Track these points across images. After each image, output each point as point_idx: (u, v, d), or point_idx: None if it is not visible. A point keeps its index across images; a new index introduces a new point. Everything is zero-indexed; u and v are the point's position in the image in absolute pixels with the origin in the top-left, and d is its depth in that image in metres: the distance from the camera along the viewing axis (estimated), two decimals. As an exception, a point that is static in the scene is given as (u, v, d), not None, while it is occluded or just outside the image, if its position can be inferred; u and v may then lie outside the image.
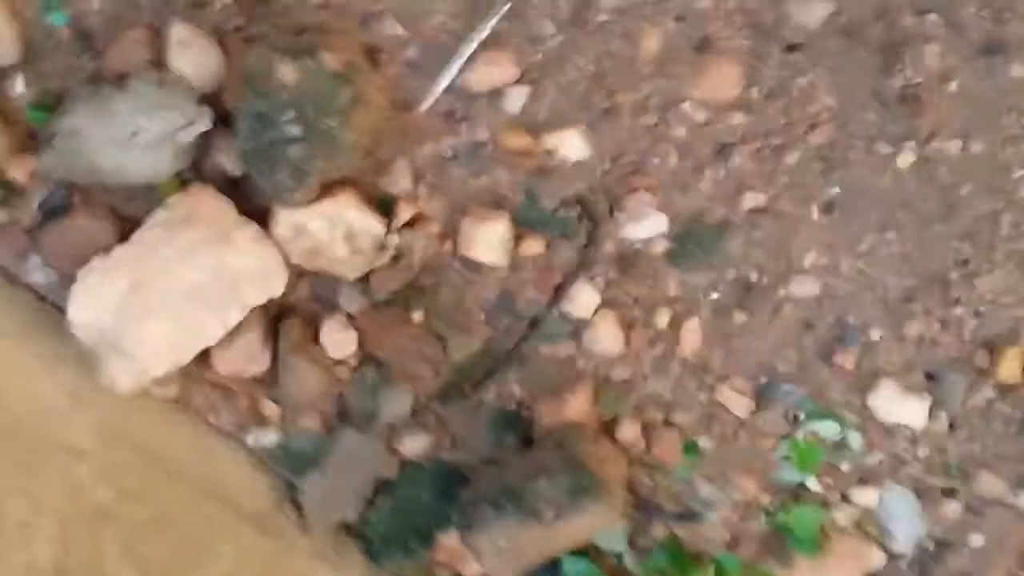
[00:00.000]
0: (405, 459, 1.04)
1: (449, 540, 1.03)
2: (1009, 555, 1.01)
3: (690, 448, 1.01)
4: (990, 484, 1.03)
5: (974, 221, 0.98)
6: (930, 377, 1.01)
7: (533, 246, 1.02)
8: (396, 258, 0.96)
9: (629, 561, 1.04)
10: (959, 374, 1.00)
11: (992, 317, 0.99)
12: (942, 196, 0.96)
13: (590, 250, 1.00)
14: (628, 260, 1.00)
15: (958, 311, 0.99)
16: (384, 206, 0.98)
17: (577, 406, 1.02)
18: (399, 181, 0.99)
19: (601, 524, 0.99)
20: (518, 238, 1.00)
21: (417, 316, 1.02)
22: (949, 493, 1.03)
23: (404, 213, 0.98)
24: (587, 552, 1.02)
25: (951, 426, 1.02)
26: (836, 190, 1.00)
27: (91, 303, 0.90)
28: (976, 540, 1.04)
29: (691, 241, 0.99)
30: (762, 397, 1.02)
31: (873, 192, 0.98)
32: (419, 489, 1.01)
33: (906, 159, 0.98)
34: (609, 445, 1.02)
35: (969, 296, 0.99)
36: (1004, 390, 1.01)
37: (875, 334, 1.01)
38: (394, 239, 0.95)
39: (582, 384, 1.02)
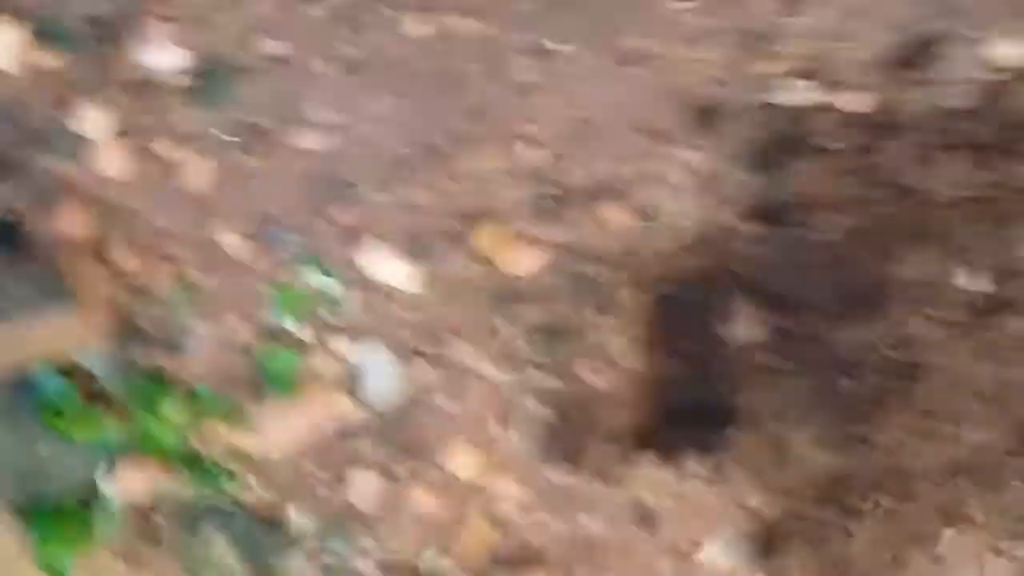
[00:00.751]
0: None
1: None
2: (471, 419, 1.09)
3: (184, 281, 1.04)
4: (461, 351, 1.07)
5: (474, 100, 1.02)
6: (419, 243, 1.05)
7: (49, 59, 1.00)
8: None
9: (108, 383, 1.04)
10: (442, 243, 1.04)
11: (481, 193, 1.04)
12: (447, 72, 1.02)
13: (106, 72, 0.99)
14: (144, 89, 1.01)
15: (451, 183, 1.04)
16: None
17: (73, 224, 1.02)
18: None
19: (72, 337, 1.00)
20: (35, 49, 0.99)
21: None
22: (423, 355, 1.08)
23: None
24: (68, 372, 1.02)
25: (430, 291, 1.06)
26: (354, 51, 1.01)
27: None
28: (443, 401, 1.09)
29: (209, 80, 1.02)
30: (260, 241, 1.04)
31: (383, 58, 1.02)
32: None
33: (420, 30, 1.01)
34: (99, 266, 1.02)
35: (463, 170, 1.04)
36: (480, 263, 1.05)
37: (371, 194, 1.04)
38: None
39: (82, 203, 1.01)
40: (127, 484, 1.06)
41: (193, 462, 1.08)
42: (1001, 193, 1.02)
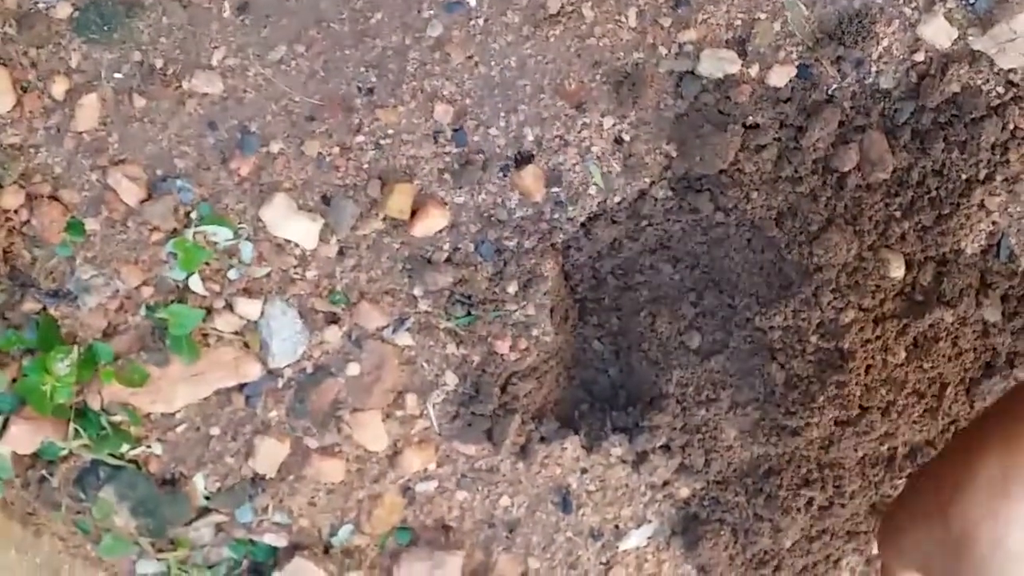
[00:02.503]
0: None
1: None
2: (383, 389, 0.99)
3: (74, 227, 0.97)
4: (371, 316, 1.03)
5: (383, 52, 0.93)
6: (325, 200, 0.97)
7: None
8: None
9: (-5, 332, 0.93)
10: (352, 202, 0.98)
11: (390, 151, 0.97)
12: (355, 20, 0.91)
13: (-13, 1, 0.90)
14: (28, 19, 0.95)
15: (359, 139, 0.97)
16: None
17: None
18: None
19: (-48, 281, 0.90)
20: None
21: None
22: (332, 319, 1.01)
23: None
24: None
25: (340, 252, 0.99)
26: None
27: None
28: (353, 369, 1.06)
29: (97, 13, 0.94)
30: (155, 189, 1.00)
31: (288, 2, 0.94)
32: None
33: (327, -26, 0.90)
34: (-17, 207, 0.92)
35: (371, 126, 0.97)
36: (393, 225, 1.01)
37: (275, 146, 0.99)
38: None
39: (-38, 140, 0.91)
40: (15, 443, 1.05)
41: (88, 422, 1.05)
42: (932, 180, 0.94)
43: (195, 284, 1.03)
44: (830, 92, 0.94)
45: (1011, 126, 0.92)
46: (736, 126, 0.91)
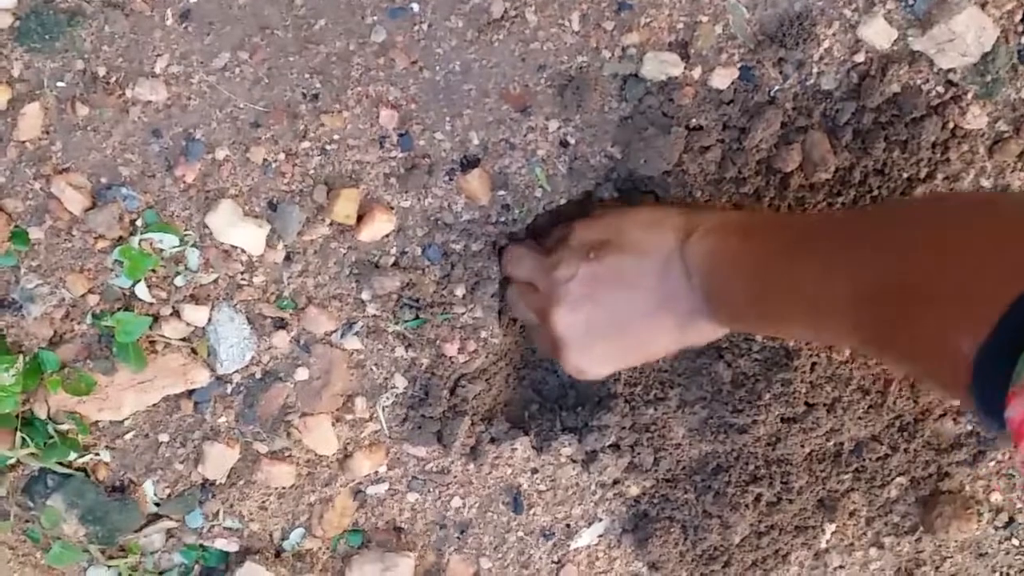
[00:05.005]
0: None
1: None
2: (332, 393, 0.99)
3: (18, 237, 0.97)
4: (319, 321, 1.02)
5: (327, 58, 0.92)
6: (272, 206, 0.97)
7: None
8: None
9: (-60, 341, 0.93)
10: (299, 207, 0.98)
11: (335, 157, 0.97)
12: (298, 27, 0.91)
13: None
14: None
15: (304, 144, 0.97)
16: None
17: None
18: None
19: None
20: None
21: None
22: (280, 324, 1.00)
23: None
24: None
25: (287, 258, 0.99)
26: (193, 0, 0.89)
27: None
28: (302, 373, 1.04)
29: (38, 22, 0.94)
30: (100, 197, 0.99)
31: (231, 9, 0.92)
32: None
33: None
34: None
35: (316, 132, 0.97)
36: (340, 230, 1.00)
37: (220, 153, 0.98)
38: None
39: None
40: (-39, 452, 0.95)
41: (35, 431, 1.04)
42: (874, 179, 0.96)
43: (141, 291, 1.02)
44: (772, 93, 0.95)
45: (951, 125, 0.94)
46: (680, 128, 0.93)
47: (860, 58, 0.94)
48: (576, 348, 0.87)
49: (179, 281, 1.03)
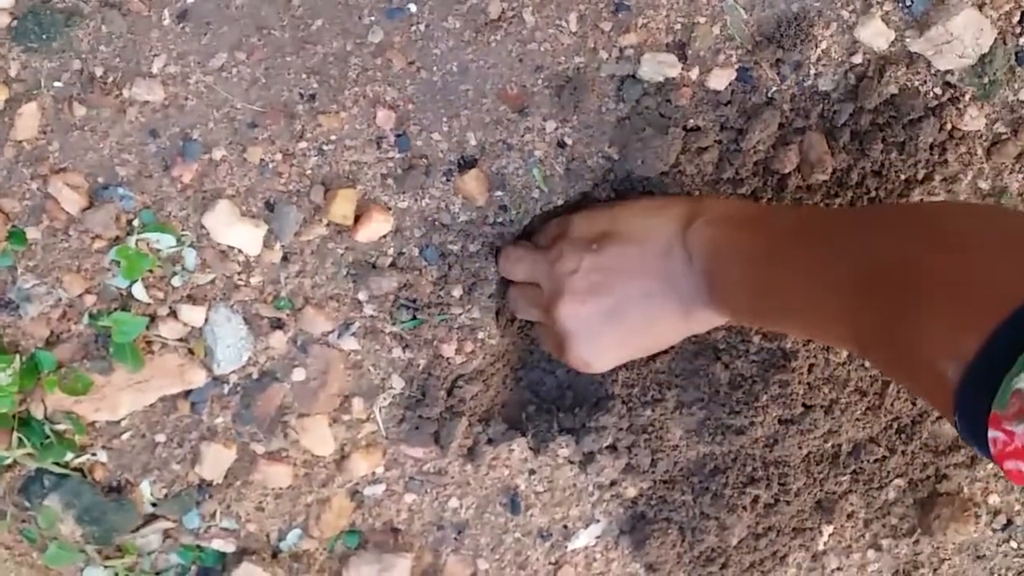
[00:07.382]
0: None
1: None
2: (329, 394, 0.99)
3: (15, 237, 0.98)
4: (316, 322, 1.02)
5: (324, 58, 0.92)
6: (269, 207, 0.97)
7: None
8: None
9: (-64, 341, 0.93)
10: (296, 208, 0.98)
11: (332, 157, 0.96)
12: (296, 27, 0.91)
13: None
14: None
15: (301, 145, 0.97)
16: None
17: None
18: None
19: None
20: None
21: None
22: (277, 324, 1.00)
23: None
24: None
25: (284, 258, 1.00)
26: (191, 0, 0.92)
27: None
28: (299, 374, 1.04)
29: (36, 22, 0.94)
30: (97, 197, 0.99)
31: (228, 9, 0.92)
32: None
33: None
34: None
35: (313, 132, 0.97)
36: (337, 231, 1.00)
37: (217, 153, 0.98)
38: None
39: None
40: (-42, 452, 0.95)
41: (31, 431, 1.04)
42: (871, 180, 0.96)
43: (138, 292, 1.01)
44: (770, 95, 0.95)
45: (948, 127, 0.94)
46: (677, 129, 0.93)
47: (858, 59, 0.94)
48: (582, 340, 0.87)
49: (176, 281, 1.02)
